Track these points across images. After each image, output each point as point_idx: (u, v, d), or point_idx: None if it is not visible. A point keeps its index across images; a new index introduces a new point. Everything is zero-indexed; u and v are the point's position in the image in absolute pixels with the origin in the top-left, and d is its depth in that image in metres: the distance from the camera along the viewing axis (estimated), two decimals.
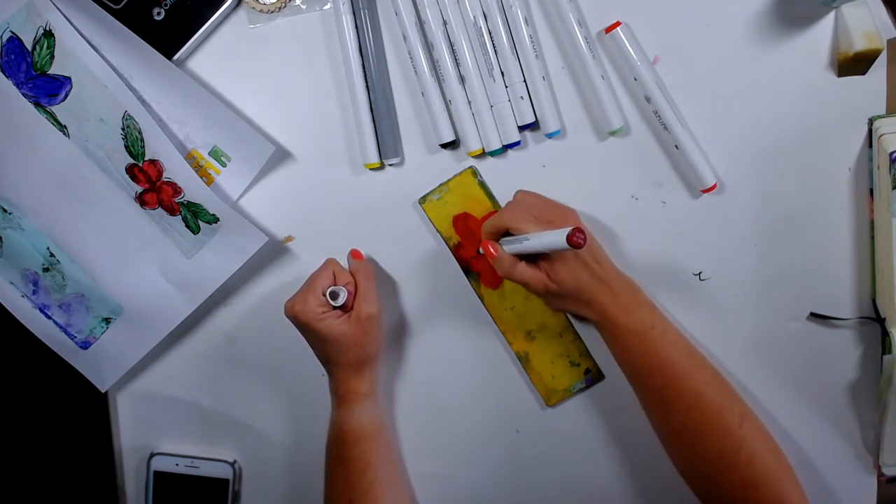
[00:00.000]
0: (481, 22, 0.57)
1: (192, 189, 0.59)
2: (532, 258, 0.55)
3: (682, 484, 0.56)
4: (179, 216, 0.61)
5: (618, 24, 0.56)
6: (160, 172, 0.59)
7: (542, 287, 0.54)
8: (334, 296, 0.57)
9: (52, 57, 0.58)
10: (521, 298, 0.61)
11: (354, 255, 0.62)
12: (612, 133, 0.58)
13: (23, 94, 0.59)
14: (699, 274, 0.60)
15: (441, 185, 0.61)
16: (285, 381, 0.66)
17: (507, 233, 0.56)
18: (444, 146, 0.60)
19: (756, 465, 0.51)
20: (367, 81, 0.59)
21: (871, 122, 0.56)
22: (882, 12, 0.55)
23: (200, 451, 0.67)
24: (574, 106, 0.59)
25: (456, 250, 0.62)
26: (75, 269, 0.63)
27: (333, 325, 0.56)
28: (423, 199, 0.61)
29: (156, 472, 0.67)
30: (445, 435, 0.64)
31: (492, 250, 0.56)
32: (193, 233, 0.61)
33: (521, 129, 0.59)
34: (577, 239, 0.47)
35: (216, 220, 0.60)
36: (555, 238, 0.49)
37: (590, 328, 0.61)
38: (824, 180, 0.58)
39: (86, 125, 0.59)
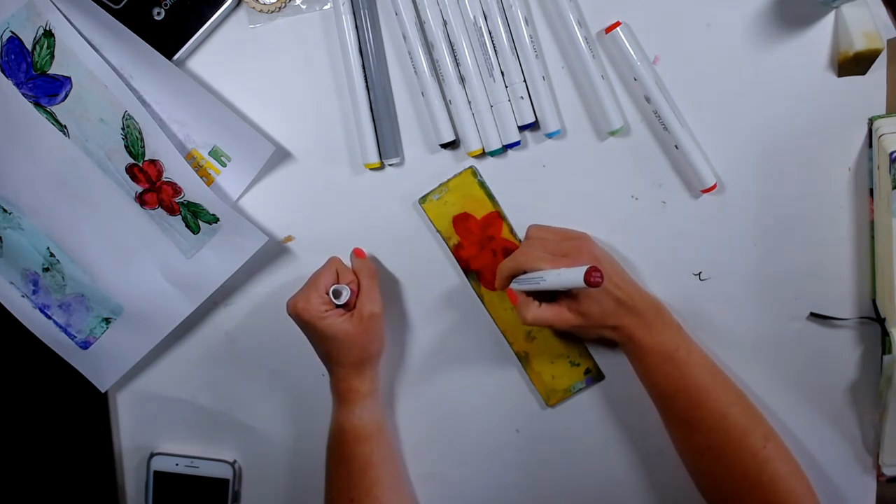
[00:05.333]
0: (481, 22, 0.57)
1: (192, 189, 0.59)
2: (552, 294, 0.55)
3: (681, 484, 0.56)
4: (179, 216, 0.61)
5: (618, 24, 0.56)
6: (160, 172, 0.59)
7: (567, 324, 0.54)
8: (337, 294, 0.57)
9: (52, 57, 0.58)
10: None
11: (357, 253, 0.62)
12: (612, 133, 0.58)
13: (23, 94, 0.59)
14: (699, 274, 0.60)
15: (441, 185, 0.61)
16: (285, 381, 0.66)
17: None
18: (444, 146, 0.60)
19: (779, 486, 0.51)
20: (367, 81, 0.59)
21: (871, 122, 0.56)
22: (882, 12, 0.55)
23: (200, 451, 0.67)
24: (574, 106, 0.59)
25: (456, 250, 0.62)
26: (75, 269, 0.63)
27: (336, 324, 0.56)
28: (423, 199, 0.61)
29: (156, 472, 0.67)
30: (445, 435, 0.64)
31: (513, 295, 0.56)
32: (193, 233, 0.61)
33: (521, 129, 0.59)
34: (594, 279, 0.47)
35: (216, 220, 0.60)
36: (572, 278, 0.49)
37: None
38: (824, 180, 0.58)
39: (86, 125, 0.59)
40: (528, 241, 0.58)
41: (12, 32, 0.58)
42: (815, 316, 0.59)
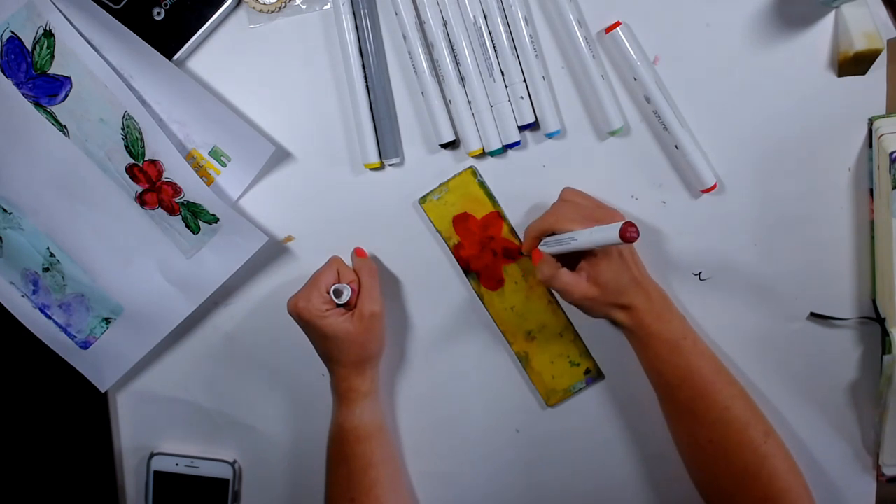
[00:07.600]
0: (481, 22, 0.57)
1: (192, 189, 0.59)
2: (572, 261, 0.54)
3: (682, 484, 0.56)
4: (179, 216, 0.61)
5: (618, 24, 0.56)
6: (160, 172, 0.59)
7: (581, 293, 0.54)
8: (338, 293, 0.57)
9: (52, 57, 0.58)
10: (521, 298, 0.61)
11: (358, 253, 0.62)
12: (612, 133, 0.58)
13: (23, 94, 0.59)
14: (699, 274, 0.60)
15: (441, 185, 0.61)
16: (285, 381, 0.66)
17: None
18: (444, 146, 0.60)
19: (777, 483, 0.51)
20: (367, 81, 0.59)
21: (871, 122, 0.56)
22: (882, 12, 0.55)
23: (200, 451, 0.67)
24: (574, 106, 0.59)
25: (456, 250, 0.62)
26: (75, 269, 0.63)
27: (336, 323, 0.56)
28: (423, 199, 0.61)
29: (156, 472, 0.67)
30: (445, 435, 0.64)
31: (539, 256, 0.55)
32: (193, 233, 0.61)
33: (521, 129, 0.59)
34: (630, 233, 0.46)
35: (216, 220, 0.60)
36: (606, 234, 0.48)
37: (590, 328, 0.61)
38: (824, 180, 0.58)
39: (86, 125, 0.59)
40: (561, 203, 0.58)
41: (12, 32, 0.58)
42: (815, 316, 0.59)
